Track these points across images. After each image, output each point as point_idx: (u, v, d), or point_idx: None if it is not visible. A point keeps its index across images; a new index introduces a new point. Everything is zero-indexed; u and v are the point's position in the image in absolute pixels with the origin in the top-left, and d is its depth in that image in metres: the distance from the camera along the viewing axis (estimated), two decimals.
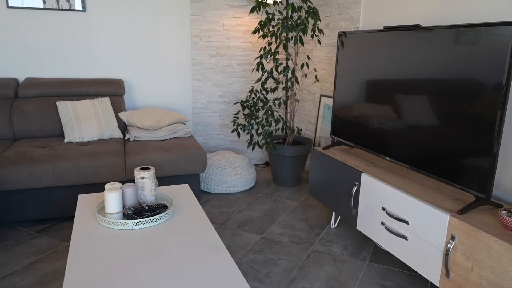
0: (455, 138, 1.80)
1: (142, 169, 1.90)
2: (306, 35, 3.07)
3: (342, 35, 2.60)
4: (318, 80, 3.44)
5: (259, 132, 3.53)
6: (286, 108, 3.68)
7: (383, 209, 2.07)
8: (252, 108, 3.40)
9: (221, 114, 3.91)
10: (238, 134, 3.39)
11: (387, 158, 2.25)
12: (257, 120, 3.40)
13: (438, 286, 1.76)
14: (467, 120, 1.74)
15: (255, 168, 3.98)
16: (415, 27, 2.01)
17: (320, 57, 3.56)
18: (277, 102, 3.88)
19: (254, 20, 3.79)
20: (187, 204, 1.99)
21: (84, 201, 2.00)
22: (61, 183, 2.57)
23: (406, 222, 1.91)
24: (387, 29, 2.19)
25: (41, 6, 3.17)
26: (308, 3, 3.22)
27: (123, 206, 1.82)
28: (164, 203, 1.89)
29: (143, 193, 1.88)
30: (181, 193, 2.14)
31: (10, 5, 3.11)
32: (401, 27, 2.09)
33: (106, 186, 1.80)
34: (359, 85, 2.47)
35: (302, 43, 3.08)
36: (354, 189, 2.30)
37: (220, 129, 3.93)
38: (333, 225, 2.73)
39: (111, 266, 1.42)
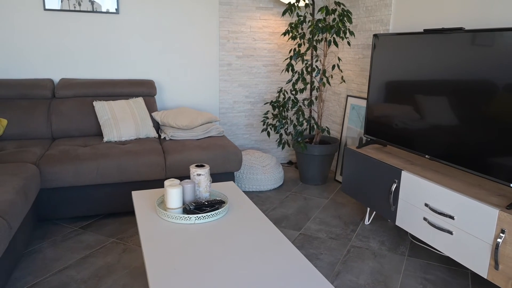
0: (503, 136, 1.88)
1: (197, 166, 1.98)
2: (339, 36, 3.15)
3: (376, 37, 2.68)
4: (344, 81, 3.52)
5: (288, 131, 3.61)
6: (311, 107, 3.75)
7: (426, 205, 2.14)
8: (281, 108, 3.48)
9: (247, 114, 3.98)
10: (268, 134, 3.46)
11: (426, 156, 2.32)
12: (287, 120, 3.47)
13: (486, 278, 1.83)
14: None
15: None
16: (458, 30, 2.08)
17: (347, 58, 3.64)
18: (306, 102, 3.95)
19: (280, 22, 3.87)
20: (238, 200, 2.06)
21: (139, 197, 2.07)
22: (103, 181, 2.64)
23: (452, 217, 1.98)
24: (428, 31, 2.27)
25: (77, 8, 3.25)
26: (342, 6, 3.30)
27: (183, 202, 1.89)
28: (220, 199, 1.96)
29: (199, 189, 1.96)
30: (229, 189, 2.22)
31: (46, 7, 3.19)
32: (443, 30, 2.17)
33: (166, 183, 1.87)
34: (396, 86, 2.54)
35: (336, 45, 3.16)
36: (394, 186, 2.37)
37: (245, 128, 4.01)
38: (367, 221, 2.80)
39: (186, 257, 1.49)
